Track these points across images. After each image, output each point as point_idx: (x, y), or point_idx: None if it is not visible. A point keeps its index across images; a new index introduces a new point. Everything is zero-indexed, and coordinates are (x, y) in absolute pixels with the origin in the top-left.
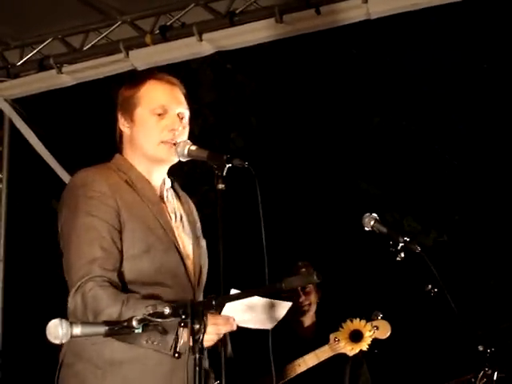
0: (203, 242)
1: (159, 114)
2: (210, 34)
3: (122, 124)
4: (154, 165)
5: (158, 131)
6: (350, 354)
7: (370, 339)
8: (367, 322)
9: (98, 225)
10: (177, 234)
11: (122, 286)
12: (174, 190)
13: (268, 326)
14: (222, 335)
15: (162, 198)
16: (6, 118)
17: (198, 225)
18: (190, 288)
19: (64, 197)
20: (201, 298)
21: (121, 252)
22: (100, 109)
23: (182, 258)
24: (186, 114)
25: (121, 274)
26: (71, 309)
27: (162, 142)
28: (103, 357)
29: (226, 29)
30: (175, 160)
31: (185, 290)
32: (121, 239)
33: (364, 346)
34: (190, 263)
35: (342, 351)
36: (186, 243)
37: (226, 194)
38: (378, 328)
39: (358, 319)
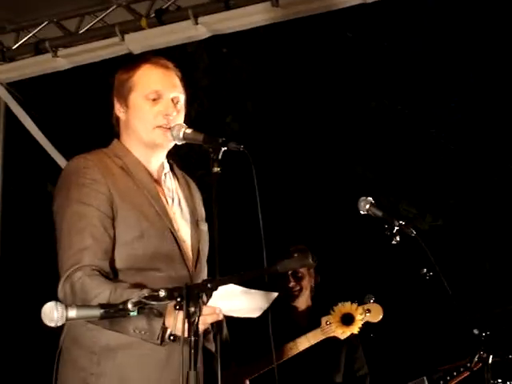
0: (204, 226)
1: (153, 100)
2: (206, 17)
3: (118, 109)
4: (149, 150)
5: (152, 116)
6: (341, 337)
7: (362, 322)
8: (359, 305)
9: (89, 213)
10: (173, 219)
11: (116, 272)
12: (174, 174)
13: (254, 315)
14: (208, 325)
15: (159, 182)
16: (2, 101)
17: (200, 208)
18: (186, 272)
19: (58, 184)
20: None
21: (113, 239)
22: (96, 92)
23: (177, 243)
24: (181, 97)
25: (115, 261)
26: (61, 297)
27: (157, 127)
28: (99, 343)
29: (222, 12)
30: (171, 144)
31: (181, 275)
32: (113, 226)
33: (355, 329)
34: (186, 248)
35: (333, 335)
36: (183, 227)
37: (221, 178)
38: (369, 311)
39: (349, 302)
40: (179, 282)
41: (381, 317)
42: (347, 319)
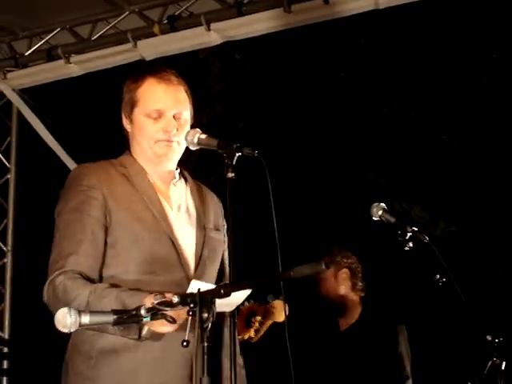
0: (217, 234)
1: (154, 118)
2: (218, 23)
3: (125, 122)
4: (154, 161)
5: (154, 132)
6: (241, 339)
7: (258, 324)
8: (260, 305)
9: (80, 219)
10: (174, 224)
11: (114, 276)
12: (186, 182)
13: (228, 309)
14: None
15: (164, 189)
16: (14, 107)
17: (215, 217)
18: (185, 278)
19: (62, 189)
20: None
21: (105, 244)
22: (108, 99)
23: (175, 247)
24: (184, 113)
25: (110, 265)
26: (45, 300)
27: (158, 141)
28: (96, 347)
29: (234, 18)
30: (176, 154)
31: (178, 280)
32: (107, 231)
33: (251, 332)
34: (186, 253)
35: (239, 337)
36: (187, 233)
37: (235, 183)
38: (271, 312)
39: (251, 301)
40: (175, 286)
41: (283, 315)
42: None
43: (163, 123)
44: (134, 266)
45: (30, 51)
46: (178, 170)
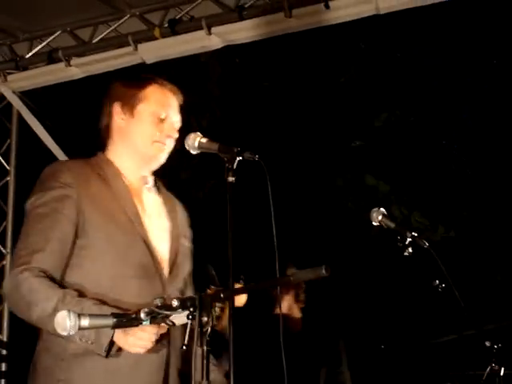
0: (186, 242)
1: (160, 119)
2: (219, 27)
3: (118, 113)
4: (140, 161)
5: (155, 132)
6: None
7: (219, 310)
8: (220, 291)
9: (50, 215)
10: (148, 229)
11: (82, 275)
12: (158, 191)
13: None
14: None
15: (138, 193)
16: (15, 110)
17: (185, 227)
18: (159, 281)
19: (35, 185)
20: (174, 294)
21: (73, 244)
22: None
23: (150, 251)
24: (179, 124)
25: (83, 266)
26: (5, 293)
27: (155, 142)
28: (68, 350)
29: (235, 23)
30: (162, 160)
31: (153, 282)
32: (77, 231)
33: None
34: (160, 257)
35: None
36: (161, 239)
37: (236, 187)
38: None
39: (212, 288)
40: (150, 290)
41: (244, 299)
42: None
43: (167, 126)
44: (108, 269)
45: (30, 54)
46: (153, 178)
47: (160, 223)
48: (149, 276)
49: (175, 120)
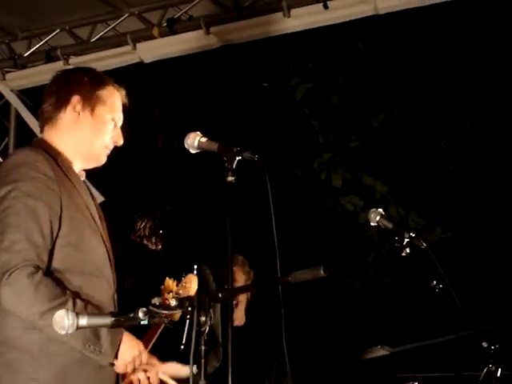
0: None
1: (114, 124)
2: (218, 27)
3: (75, 106)
4: (86, 158)
5: (109, 137)
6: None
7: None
8: (174, 281)
9: (39, 209)
10: (98, 225)
11: (52, 272)
12: (86, 184)
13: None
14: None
15: None
16: (13, 108)
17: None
18: (111, 278)
19: (3, 172)
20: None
21: (56, 238)
22: None
23: (107, 250)
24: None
25: (53, 260)
26: (6, 296)
27: (107, 148)
28: (39, 347)
29: (234, 22)
30: (102, 162)
31: (110, 284)
32: (59, 227)
33: None
34: (111, 257)
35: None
36: (105, 234)
37: (235, 187)
38: (185, 285)
39: (171, 279)
40: (108, 288)
41: (195, 288)
42: None
43: (117, 133)
44: (79, 266)
45: (29, 52)
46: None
47: (100, 219)
48: (106, 276)
49: (121, 123)
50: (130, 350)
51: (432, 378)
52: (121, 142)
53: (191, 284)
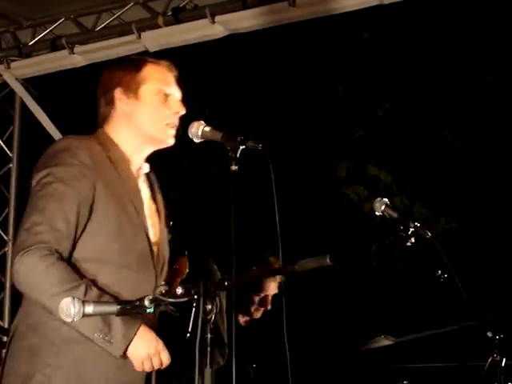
0: (168, 235)
1: (165, 95)
2: (223, 16)
3: (120, 99)
4: (144, 144)
5: (164, 112)
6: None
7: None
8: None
9: (68, 195)
10: (147, 219)
11: (81, 260)
12: (148, 177)
13: None
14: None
15: (137, 180)
16: (17, 97)
17: (165, 216)
18: (153, 275)
19: (44, 158)
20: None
21: (84, 227)
22: None
23: (149, 244)
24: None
25: (83, 249)
26: (19, 271)
27: (166, 124)
28: (60, 334)
29: (239, 11)
30: (171, 143)
31: (148, 277)
32: (90, 214)
33: None
34: (156, 250)
35: None
36: (154, 230)
37: (239, 176)
38: (177, 270)
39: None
40: (146, 285)
41: (187, 270)
42: None
43: (174, 104)
44: (112, 257)
45: (33, 41)
46: (148, 164)
47: (153, 214)
48: (145, 270)
49: (178, 96)
50: (146, 345)
51: (436, 369)
52: (182, 110)
53: (184, 268)
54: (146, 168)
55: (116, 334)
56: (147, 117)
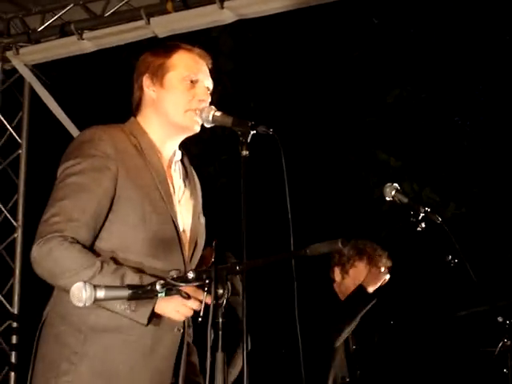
0: (203, 219)
1: (191, 82)
2: (232, 1)
3: (148, 86)
4: (173, 132)
5: (188, 99)
6: None
7: None
8: None
9: (88, 186)
10: (176, 207)
11: (106, 251)
12: (183, 164)
13: None
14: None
15: (169, 168)
16: (26, 83)
17: (200, 201)
18: (181, 263)
19: (69, 149)
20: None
21: (106, 217)
22: (119, 76)
23: (177, 232)
24: (211, 87)
25: (108, 240)
26: (36, 258)
27: (189, 110)
28: (87, 322)
29: None
30: (197, 130)
31: (176, 264)
32: (111, 205)
33: None
34: (185, 238)
35: None
36: (185, 217)
37: (249, 162)
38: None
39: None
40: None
41: (212, 259)
42: None
43: (199, 90)
44: (137, 247)
45: (42, 27)
46: (181, 151)
47: (185, 202)
48: (172, 258)
49: (207, 83)
50: (171, 299)
51: (446, 354)
52: (207, 98)
53: (209, 258)
54: (179, 155)
55: (139, 303)
56: (171, 104)
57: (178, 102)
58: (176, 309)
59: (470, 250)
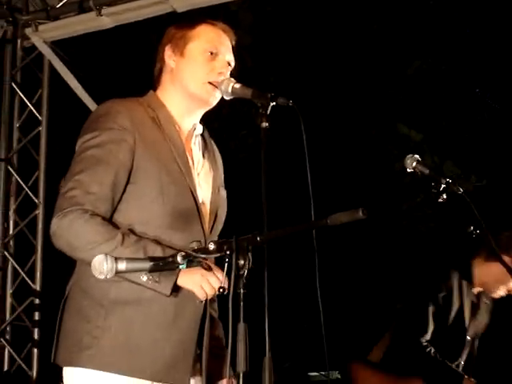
0: (224, 192)
1: (211, 53)
2: None
3: (169, 56)
4: (190, 104)
5: (206, 71)
6: None
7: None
8: None
9: (106, 159)
10: (195, 179)
11: (126, 225)
12: (203, 137)
13: None
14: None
15: (188, 141)
16: (46, 60)
17: (221, 174)
18: (201, 234)
19: (86, 124)
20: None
21: (124, 190)
22: (138, 52)
23: (196, 204)
24: (233, 63)
25: (126, 214)
26: (56, 232)
27: (207, 83)
28: (108, 296)
29: None
30: (214, 103)
31: (196, 236)
32: (129, 178)
33: None
34: (204, 209)
35: None
36: (205, 190)
37: (269, 134)
38: None
39: None
40: (194, 245)
41: None
42: None
43: (219, 63)
44: (155, 219)
45: (61, 3)
46: (202, 124)
47: (205, 174)
48: (192, 230)
49: (228, 58)
50: (195, 272)
51: None
52: (226, 70)
53: None
54: (200, 129)
55: (162, 274)
56: (189, 74)
57: (196, 73)
58: (200, 283)
59: (492, 224)
